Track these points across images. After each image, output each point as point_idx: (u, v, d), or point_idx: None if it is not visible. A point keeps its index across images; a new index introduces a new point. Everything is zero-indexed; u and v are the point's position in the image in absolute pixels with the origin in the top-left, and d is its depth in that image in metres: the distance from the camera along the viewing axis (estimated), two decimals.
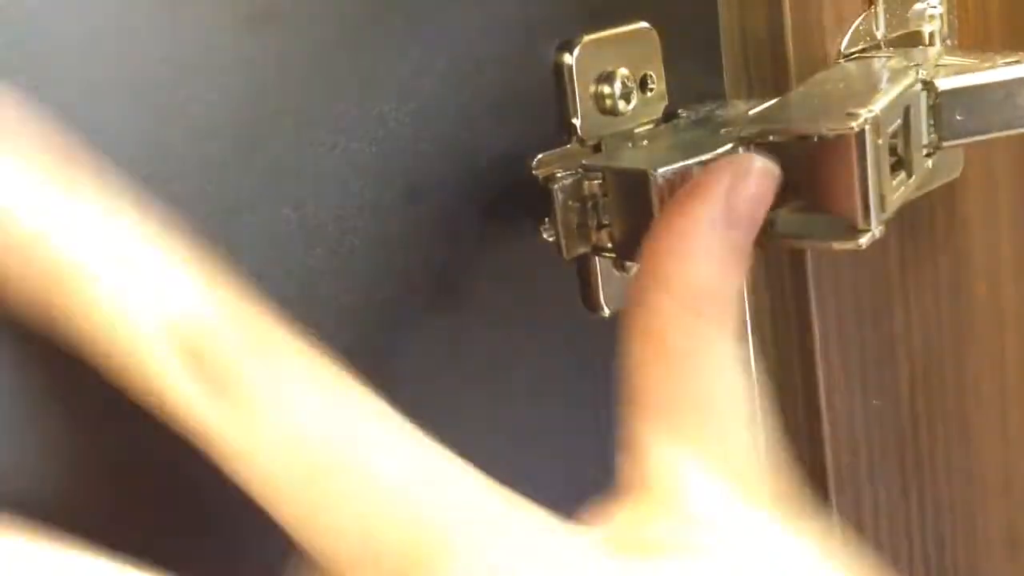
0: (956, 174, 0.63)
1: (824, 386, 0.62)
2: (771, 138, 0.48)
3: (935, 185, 0.62)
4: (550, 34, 0.51)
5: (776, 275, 0.62)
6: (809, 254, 0.61)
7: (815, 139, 0.47)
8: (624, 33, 0.52)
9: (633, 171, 0.47)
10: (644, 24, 0.53)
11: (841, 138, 0.47)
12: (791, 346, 0.62)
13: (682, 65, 0.54)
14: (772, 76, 0.60)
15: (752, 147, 0.49)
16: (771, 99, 0.54)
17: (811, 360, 0.62)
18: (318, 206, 0.46)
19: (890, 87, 0.51)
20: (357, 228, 0.47)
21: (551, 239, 0.50)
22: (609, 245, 0.49)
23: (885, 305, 0.63)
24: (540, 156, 0.51)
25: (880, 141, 0.48)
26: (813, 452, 0.63)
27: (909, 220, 0.63)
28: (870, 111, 0.47)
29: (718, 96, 0.56)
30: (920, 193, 0.62)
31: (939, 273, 0.64)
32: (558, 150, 0.51)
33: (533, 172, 0.51)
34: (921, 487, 0.66)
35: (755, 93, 0.60)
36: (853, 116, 0.47)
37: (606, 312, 0.54)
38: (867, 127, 0.47)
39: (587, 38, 0.51)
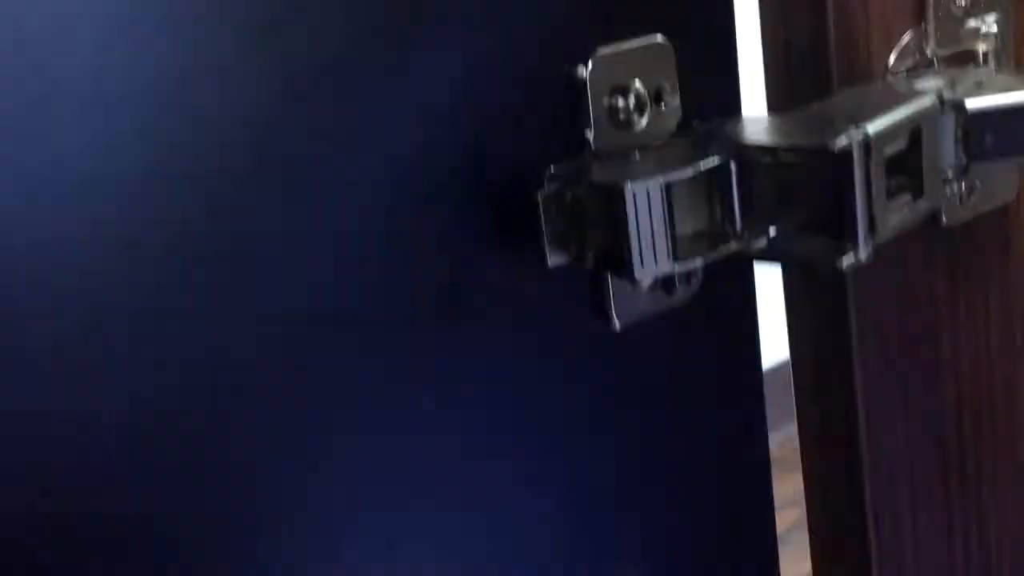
0: (1011, 197, 0.61)
1: (863, 412, 0.61)
2: (759, 155, 0.47)
3: (987, 208, 0.60)
4: (565, 46, 0.51)
5: (815, 295, 0.61)
6: (849, 274, 0.60)
7: (802, 156, 0.47)
8: (639, 46, 0.52)
9: (609, 184, 0.47)
10: (659, 37, 0.53)
11: (826, 156, 0.46)
12: (830, 370, 0.61)
13: (698, 78, 0.54)
14: (814, 90, 0.59)
15: (744, 162, 0.48)
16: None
17: (851, 384, 0.61)
18: (328, 215, 0.47)
19: (900, 107, 0.50)
20: (367, 238, 0.48)
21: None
22: (589, 254, 0.49)
23: (931, 329, 0.62)
24: (552, 168, 0.51)
25: (873, 161, 0.47)
26: (851, 481, 0.62)
27: (959, 244, 0.61)
28: (859, 130, 0.46)
29: (734, 109, 0.55)
30: (971, 215, 0.60)
31: (989, 297, 0.62)
32: (571, 162, 0.52)
33: (546, 184, 0.51)
34: (966, 522, 0.64)
35: (797, 106, 0.59)
36: (839, 134, 0.46)
37: (617, 326, 0.54)
38: (854, 146, 0.46)
39: (602, 51, 0.51)
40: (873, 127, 0.47)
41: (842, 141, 0.46)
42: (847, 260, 0.47)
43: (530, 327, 0.53)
